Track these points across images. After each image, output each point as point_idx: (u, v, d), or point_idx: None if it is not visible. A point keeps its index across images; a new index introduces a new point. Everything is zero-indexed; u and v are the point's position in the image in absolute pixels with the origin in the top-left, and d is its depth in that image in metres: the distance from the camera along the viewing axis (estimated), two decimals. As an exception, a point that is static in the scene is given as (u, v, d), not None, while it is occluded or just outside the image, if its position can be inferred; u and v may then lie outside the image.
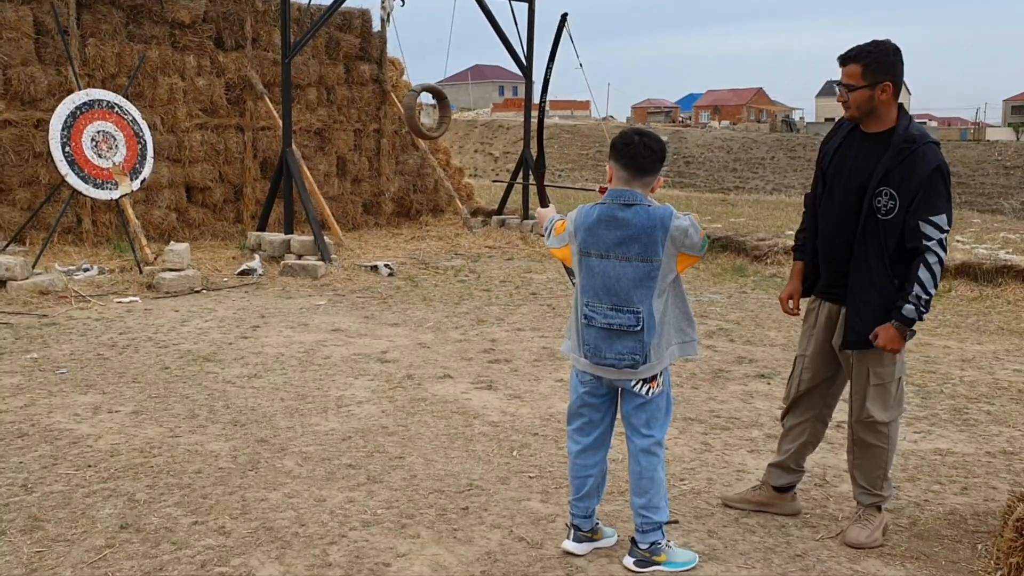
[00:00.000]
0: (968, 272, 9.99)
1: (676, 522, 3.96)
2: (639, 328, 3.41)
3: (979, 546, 3.78)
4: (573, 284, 4.37)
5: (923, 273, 3.57)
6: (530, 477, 4.49)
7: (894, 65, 3.66)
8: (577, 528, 3.70)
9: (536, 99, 8.23)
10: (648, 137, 3.47)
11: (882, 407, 3.78)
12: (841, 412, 4.26)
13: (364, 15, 14.67)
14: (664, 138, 3.77)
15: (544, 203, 4.07)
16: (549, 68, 4.17)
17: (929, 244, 3.56)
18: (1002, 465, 4.75)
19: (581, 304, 3.54)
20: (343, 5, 12.21)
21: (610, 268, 3.44)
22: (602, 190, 3.61)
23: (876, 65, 3.64)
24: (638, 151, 3.44)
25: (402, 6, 14.34)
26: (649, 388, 3.51)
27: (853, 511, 3.97)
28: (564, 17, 4.13)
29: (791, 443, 4.11)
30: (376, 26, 14.84)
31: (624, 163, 3.46)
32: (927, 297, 3.58)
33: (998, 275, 9.83)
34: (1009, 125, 78.69)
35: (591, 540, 3.71)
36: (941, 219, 3.56)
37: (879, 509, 3.89)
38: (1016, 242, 13.14)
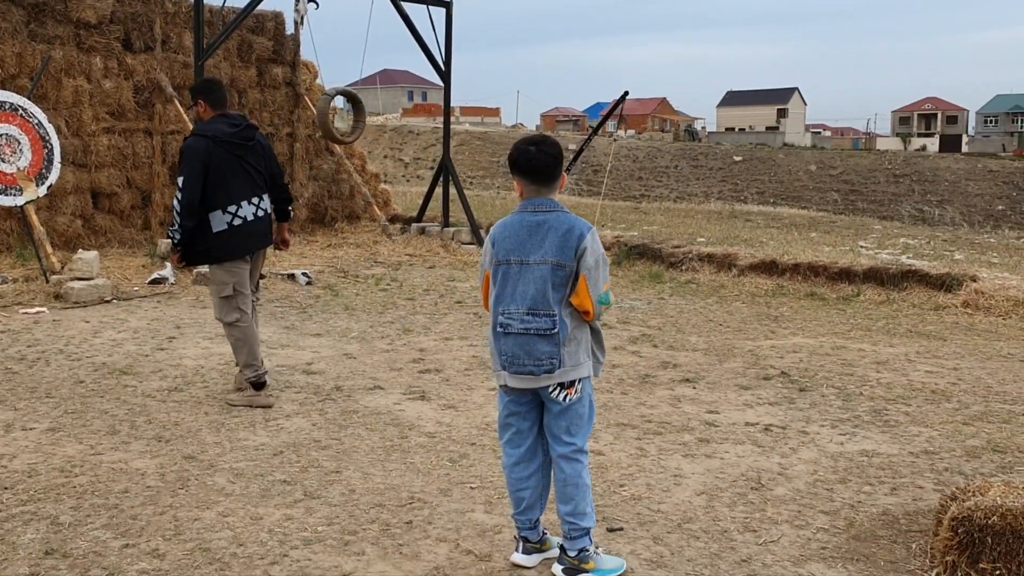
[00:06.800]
0: (875, 277, 10.37)
1: (621, 529, 3.98)
2: (555, 331, 3.45)
3: (913, 545, 3.89)
4: None
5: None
6: (472, 488, 4.44)
7: (203, 91, 5.92)
8: (525, 540, 3.67)
9: (455, 103, 8.18)
10: (544, 144, 3.57)
11: (218, 310, 5.85)
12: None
13: (277, 17, 14.42)
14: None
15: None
16: (592, 134, 4.19)
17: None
18: (925, 465, 4.92)
19: (496, 315, 3.56)
20: (256, 7, 11.96)
21: (528, 272, 3.48)
22: None
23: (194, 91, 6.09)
24: (540, 161, 3.52)
25: (316, 8, 14.18)
26: (567, 395, 3.53)
27: None
28: (625, 95, 4.22)
29: None
30: (290, 28, 14.61)
31: (531, 177, 3.54)
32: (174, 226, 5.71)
33: (903, 279, 10.24)
34: (897, 135, 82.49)
35: (539, 551, 3.68)
36: (179, 180, 5.64)
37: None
38: (916, 247, 13.72)
